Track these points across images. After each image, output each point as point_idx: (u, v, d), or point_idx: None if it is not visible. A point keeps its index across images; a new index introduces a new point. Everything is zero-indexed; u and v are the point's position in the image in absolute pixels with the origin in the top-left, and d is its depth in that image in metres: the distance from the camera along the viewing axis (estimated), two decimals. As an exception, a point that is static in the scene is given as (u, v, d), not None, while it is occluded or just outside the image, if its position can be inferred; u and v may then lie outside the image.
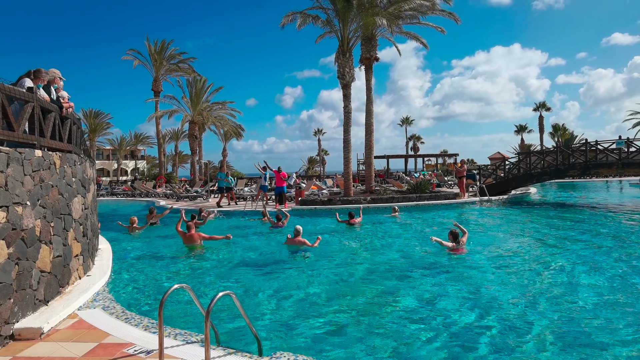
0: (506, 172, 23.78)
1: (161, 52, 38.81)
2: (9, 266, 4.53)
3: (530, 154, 24.19)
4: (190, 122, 35.88)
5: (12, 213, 4.65)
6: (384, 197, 19.47)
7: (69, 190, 6.50)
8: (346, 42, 20.60)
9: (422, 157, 51.69)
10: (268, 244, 11.13)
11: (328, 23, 21.08)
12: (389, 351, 4.66)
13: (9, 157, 4.69)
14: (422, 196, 19.40)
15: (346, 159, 20.94)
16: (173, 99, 36.77)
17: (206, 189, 26.32)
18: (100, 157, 67.03)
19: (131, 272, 8.34)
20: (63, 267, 5.99)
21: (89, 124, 52.29)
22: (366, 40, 21.53)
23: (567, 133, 55.08)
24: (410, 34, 23.00)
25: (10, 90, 5.24)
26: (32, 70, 6.61)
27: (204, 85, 36.54)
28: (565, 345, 4.69)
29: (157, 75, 39.13)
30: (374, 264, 8.77)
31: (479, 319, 5.50)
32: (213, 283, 7.59)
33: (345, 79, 20.50)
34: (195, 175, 36.95)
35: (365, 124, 22.21)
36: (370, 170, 22.88)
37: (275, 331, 5.27)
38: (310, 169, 70.43)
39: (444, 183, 29.46)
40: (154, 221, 14.65)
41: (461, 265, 8.34)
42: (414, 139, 70.02)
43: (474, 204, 19.36)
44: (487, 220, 14.85)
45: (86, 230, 7.43)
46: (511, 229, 12.87)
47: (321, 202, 19.15)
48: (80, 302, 5.69)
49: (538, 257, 9.05)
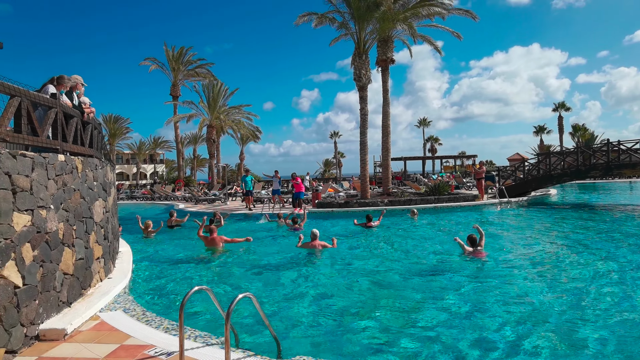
0: (525, 174, 23.42)
1: (179, 58, 39.37)
2: (34, 268, 4.62)
3: (550, 154, 23.80)
4: (208, 126, 36.24)
5: (36, 216, 4.74)
6: (401, 199, 19.35)
7: (91, 194, 6.61)
8: (362, 44, 20.59)
9: (440, 159, 51.26)
10: (286, 246, 11.14)
11: (344, 25, 21.09)
12: (408, 355, 4.61)
13: (33, 161, 4.79)
14: (441, 198, 19.23)
15: (363, 161, 20.90)
16: (191, 104, 37.24)
17: (224, 192, 26.53)
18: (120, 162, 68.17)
19: (151, 275, 8.44)
20: (85, 269, 6.09)
21: (109, 128, 53.22)
22: (382, 43, 21.51)
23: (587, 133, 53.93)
24: (425, 38, 22.86)
25: (35, 96, 5.36)
26: (56, 77, 6.75)
27: (221, 89, 36.88)
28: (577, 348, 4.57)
29: (176, 81, 39.71)
30: (393, 267, 8.70)
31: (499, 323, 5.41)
32: (232, 285, 7.63)
33: (361, 81, 20.48)
34: (214, 179, 37.26)
35: (382, 125, 22.16)
36: (388, 172, 22.79)
37: (295, 334, 5.26)
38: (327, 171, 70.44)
39: (463, 185, 29.15)
40: (175, 224, 14.83)
41: (481, 268, 8.22)
42: (432, 141, 69.45)
43: (493, 206, 19.11)
44: (507, 222, 14.63)
45: (107, 233, 7.54)
46: (532, 231, 12.64)
47: (338, 204, 19.13)
48: (102, 304, 5.77)
49: (560, 259, 8.86)
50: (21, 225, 4.46)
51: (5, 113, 4.70)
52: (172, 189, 33.31)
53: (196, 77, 40.45)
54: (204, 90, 36.70)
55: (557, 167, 21.89)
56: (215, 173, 37.95)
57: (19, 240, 4.39)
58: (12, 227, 4.31)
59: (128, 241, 11.00)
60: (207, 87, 36.60)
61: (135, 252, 9.83)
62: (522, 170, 24.01)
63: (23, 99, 4.97)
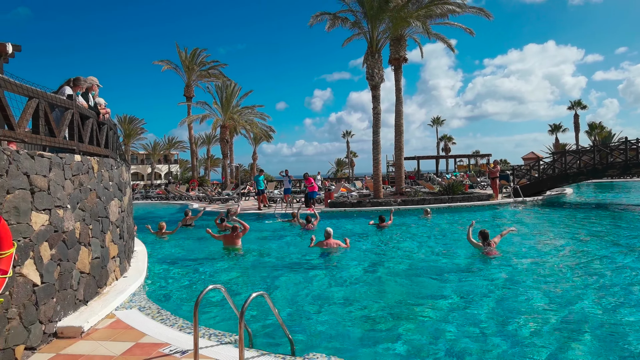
0: (540, 173, 23.11)
1: (192, 60, 39.66)
2: (51, 267, 4.70)
3: (565, 153, 23.44)
4: (222, 126, 36.45)
5: (54, 216, 4.82)
6: (414, 198, 19.25)
7: (106, 194, 6.69)
8: (375, 43, 20.52)
9: (454, 158, 50.80)
10: (299, 246, 11.16)
11: (356, 25, 21.03)
12: (421, 353, 4.58)
13: (51, 162, 4.86)
14: (455, 198, 19.08)
15: (375, 160, 20.83)
16: (205, 104, 37.50)
17: (237, 192, 26.68)
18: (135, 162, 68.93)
19: (166, 273, 8.52)
20: (101, 268, 6.17)
21: (124, 129, 53.84)
22: (395, 41, 21.40)
23: (604, 131, 53.07)
24: (438, 36, 22.67)
25: (52, 98, 5.45)
26: (72, 78, 6.85)
27: (234, 90, 37.07)
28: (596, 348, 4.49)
29: (189, 82, 40.00)
30: (406, 266, 8.66)
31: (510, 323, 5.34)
32: (246, 284, 7.67)
33: (374, 80, 20.42)
34: (227, 179, 37.48)
35: (395, 125, 22.05)
36: (401, 171, 22.67)
37: (308, 332, 5.27)
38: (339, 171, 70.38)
39: (477, 184, 28.88)
40: (189, 223, 14.98)
41: (495, 267, 8.14)
42: (445, 140, 68.95)
43: (507, 205, 18.90)
44: (522, 222, 14.44)
45: (122, 233, 7.63)
46: (546, 231, 12.47)
47: (350, 204, 19.10)
48: (118, 303, 5.84)
49: (575, 260, 8.72)
50: (39, 225, 4.53)
51: (23, 114, 4.78)
52: (186, 188, 33.58)
53: (209, 78, 40.69)
54: (217, 91, 36.94)
55: (573, 166, 21.55)
56: (228, 173, 38.17)
57: (37, 239, 4.46)
58: (31, 227, 4.39)
59: (143, 240, 11.12)
60: (220, 88, 36.84)
61: (151, 252, 9.93)
62: (537, 169, 23.70)
63: (41, 100, 5.05)
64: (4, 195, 4.07)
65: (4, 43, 7.04)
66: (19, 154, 4.34)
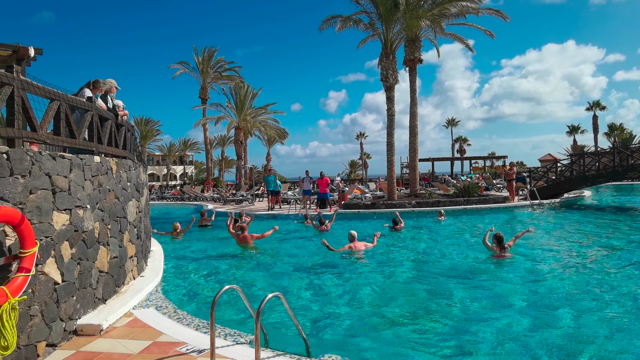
0: (558, 175, 22.79)
1: (208, 61, 40.02)
2: (72, 266, 4.80)
3: (584, 155, 23.07)
4: (236, 128, 36.73)
5: (74, 216, 4.92)
6: (429, 200, 19.14)
7: (125, 194, 6.81)
8: (389, 44, 20.49)
9: (469, 160, 50.41)
10: (313, 247, 11.18)
11: (371, 26, 21.03)
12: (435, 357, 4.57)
13: (71, 163, 4.97)
14: (470, 200, 18.92)
15: (390, 162, 20.77)
16: (219, 106, 37.83)
17: (251, 193, 26.84)
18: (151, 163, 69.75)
19: (182, 273, 8.62)
20: (119, 267, 6.27)
21: (140, 130, 54.52)
22: (410, 42, 21.32)
23: (625, 133, 52.08)
24: (455, 36, 22.56)
25: (72, 100, 5.57)
26: (92, 81, 6.99)
27: (248, 91, 37.31)
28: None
29: (204, 84, 40.39)
30: (420, 270, 8.63)
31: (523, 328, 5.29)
32: (262, 284, 7.72)
33: (388, 82, 20.38)
34: (241, 180, 37.73)
35: (410, 126, 21.97)
36: (415, 173, 22.57)
37: (323, 333, 5.29)
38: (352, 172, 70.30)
39: (493, 186, 28.61)
40: (206, 223, 15.13)
41: (509, 271, 8.04)
42: (460, 141, 68.41)
43: (524, 208, 18.68)
44: (539, 225, 14.26)
45: (140, 233, 7.75)
46: (564, 234, 12.29)
47: (364, 205, 19.07)
48: (135, 302, 5.94)
49: (594, 265, 8.57)
50: (60, 224, 4.64)
51: (45, 116, 4.89)
52: (201, 189, 33.89)
53: (224, 80, 41.04)
54: (232, 93, 37.23)
55: (592, 168, 21.20)
56: (242, 174, 38.43)
57: (58, 238, 4.57)
58: (52, 226, 4.49)
59: (159, 240, 11.26)
60: (234, 90, 37.12)
61: (167, 251, 10.06)
62: (554, 171, 23.38)
63: (62, 102, 5.17)
64: (27, 195, 4.17)
65: (26, 47, 7.21)
66: (41, 155, 4.44)
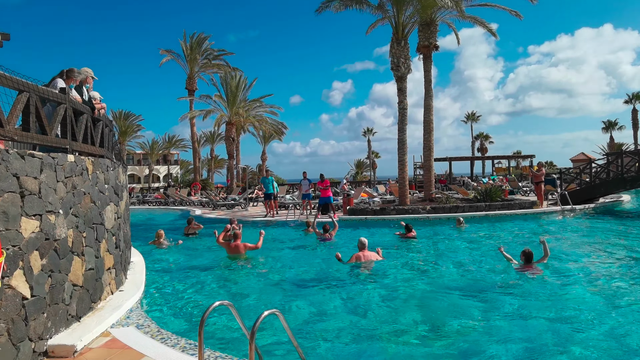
0: (593, 177, 22.76)
1: (197, 48, 40.07)
2: (42, 278, 4.81)
3: (622, 154, 23.03)
4: (227, 123, 36.76)
5: (45, 222, 4.94)
6: (446, 206, 19.14)
7: (102, 198, 6.83)
8: (401, 28, 20.46)
9: (492, 160, 50.36)
10: (315, 258, 11.19)
11: (380, 8, 21.01)
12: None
13: (42, 162, 4.99)
14: (493, 205, 18.92)
15: (401, 161, 20.78)
16: (208, 98, 37.90)
17: (244, 197, 26.87)
18: (131, 163, 69.93)
19: (167, 287, 8.63)
20: (95, 280, 6.29)
21: (119, 126, 54.77)
22: (424, 26, 21.32)
23: (669, 129, 52.05)
24: (476, 20, 22.53)
25: (44, 91, 5.59)
26: (65, 70, 7.02)
27: (240, 81, 37.23)
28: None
29: (192, 73, 40.49)
30: (436, 283, 8.63)
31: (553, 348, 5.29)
32: (257, 300, 7.73)
33: (400, 71, 20.38)
34: (233, 182, 37.80)
35: (424, 121, 21.97)
36: (430, 174, 22.57)
37: (325, 355, 5.29)
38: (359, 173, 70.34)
39: (518, 190, 28.59)
40: (192, 232, 15.14)
41: (539, 288, 8.02)
42: (482, 138, 68.45)
43: (554, 215, 18.66)
44: (571, 234, 14.25)
45: (119, 242, 7.77)
46: (600, 245, 12.25)
47: (372, 211, 19.07)
48: (113, 320, 5.95)
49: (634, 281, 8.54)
50: (29, 232, 4.65)
51: (13, 110, 4.91)
52: (188, 193, 33.96)
53: (214, 69, 41.12)
54: (223, 83, 37.26)
55: (631, 168, 21.17)
56: (234, 175, 38.49)
57: (27, 247, 4.58)
58: (20, 234, 4.51)
59: (140, 250, 11.28)
60: (225, 80, 37.13)
61: (149, 262, 10.08)
62: (588, 172, 23.34)
63: (32, 94, 5.19)
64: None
65: (-10, 31, 7.25)
66: (9, 154, 4.46)
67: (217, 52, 42.31)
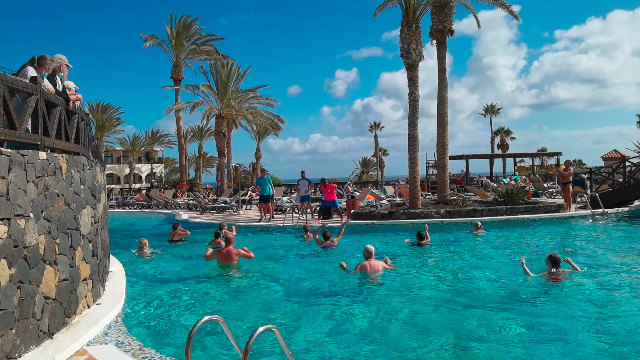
0: (627, 177, 22.73)
1: (183, 32, 40.03)
2: (10, 290, 4.81)
3: (660, 152, 23.03)
4: (217, 116, 36.78)
5: (13, 227, 4.93)
6: (462, 209, 19.12)
7: (77, 200, 6.83)
8: (412, 10, 20.43)
9: (513, 157, 50.42)
10: (316, 267, 11.19)
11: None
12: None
13: (10, 160, 4.98)
14: (515, 208, 18.90)
15: (412, 160, 20.77)
16: (196, 88, 37.95)
17: (236, 199, 26.88)
18: (110, 161, 70.05)
19: (149, 300, 8.62)
20: (70, 292, 6.29)
21: (96, 120, 54.82)
22: (438, 8, 21.31)
23: None
24: (497, 1, 22.49)
25: (13, 81, 5.58)
26: (36, 57, 7.02)
27: (232, 70, 37.20)
28: None
29: (178, 60, 40.46)
30: (453, 296, 8.62)
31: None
32: (251, 314, 7.72)
33: (410, 58, 20.36)
34: (223, 182, 37.83)
35: (437, 114, 21.98)
36: (444, 174, 22.56)
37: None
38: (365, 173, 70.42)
39: (543, 191, 28.57)
40: (178, 238, 15.14)
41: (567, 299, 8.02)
42: (502, 134, 68.49)
43: (583, 219, 18.64)
44: (602, 242, 14.23)
45: (96, 249, 7.77)
46: (635, 253, 12.24)
47: (380, 215, 19.06)
48: (90, 336, 5.94)
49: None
50: (-4, 238, 4.65)
51: (-22, 101, 4.91)
52: (173, 194, 33.99)
53: (203, 56, 41.13)
54: (212, 72, 37.27)
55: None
56: (225, 175, 38.52)
57: (-7, 255, 4.58)
58: (-14, 240, 4.51)
59: (120, 259, 11.28)
60: (215, 68, 37.11)
61: (130, 272, 10.07)
62: (621, 172, 23.31)
63: (-1, 84, 5.19)
64: (-45, 201, 4.19)
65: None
66: (-27, 151, 4.46)
67: (207, 37, 42.35)
